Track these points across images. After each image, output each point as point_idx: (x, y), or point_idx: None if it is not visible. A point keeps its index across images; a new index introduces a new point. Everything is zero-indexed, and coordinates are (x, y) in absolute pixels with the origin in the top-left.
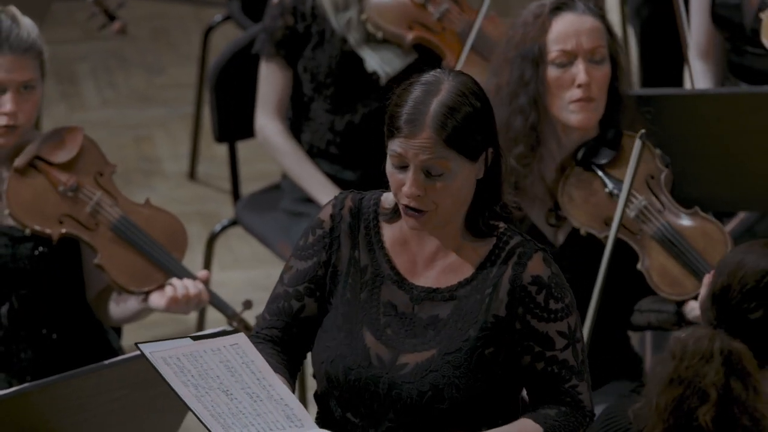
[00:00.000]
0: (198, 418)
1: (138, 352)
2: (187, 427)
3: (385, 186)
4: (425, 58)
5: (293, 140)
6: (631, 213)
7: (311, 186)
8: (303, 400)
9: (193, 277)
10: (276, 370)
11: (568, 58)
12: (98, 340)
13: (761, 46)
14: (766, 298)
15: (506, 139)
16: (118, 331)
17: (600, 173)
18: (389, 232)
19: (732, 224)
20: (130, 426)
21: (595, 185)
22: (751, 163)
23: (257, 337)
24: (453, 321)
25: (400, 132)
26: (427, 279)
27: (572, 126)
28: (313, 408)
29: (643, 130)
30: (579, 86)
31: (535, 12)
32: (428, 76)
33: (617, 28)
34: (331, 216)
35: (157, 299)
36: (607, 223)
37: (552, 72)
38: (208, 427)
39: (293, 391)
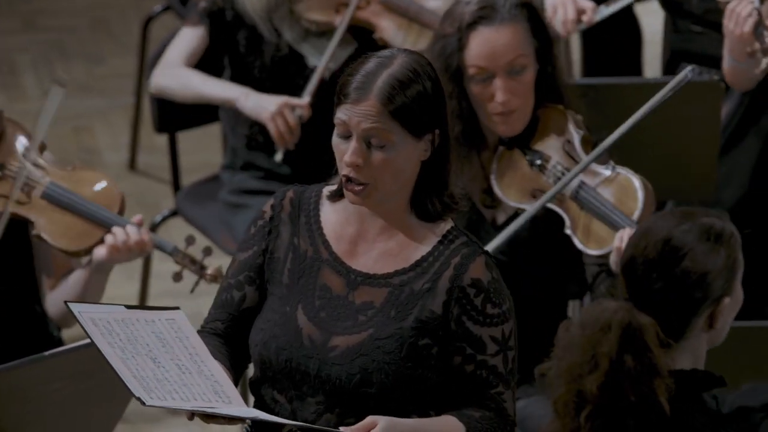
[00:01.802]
0: (119, 377)
1: (79, 343)
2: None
3: (318, 182)
4: (364, 46)
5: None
6: (549, 179)
7: (228, 93)
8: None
9: (128, 223)
10: (214, 357)
11: (486, 74)
12: (38, 330)
13: (704, 23)
14: (667, 269)
15: None
16: None
17: (521, 149)
18: (331, 216)
19: None
20: (72, 416)
21: (520, 162)
22: (691, 152)
23: (202, 331)
24: (387, 308)
25: (347, 98)
26: (366, 262)
27: (498, 133)
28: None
29: None
30: (500, 102)
31: (454, 24)
32: (385, 52)
33: None
34: (272, 206)
35: (99, 251)
36: (534, 196)
37: (473, 87)
38: (128, 386)
39: (235, 384)
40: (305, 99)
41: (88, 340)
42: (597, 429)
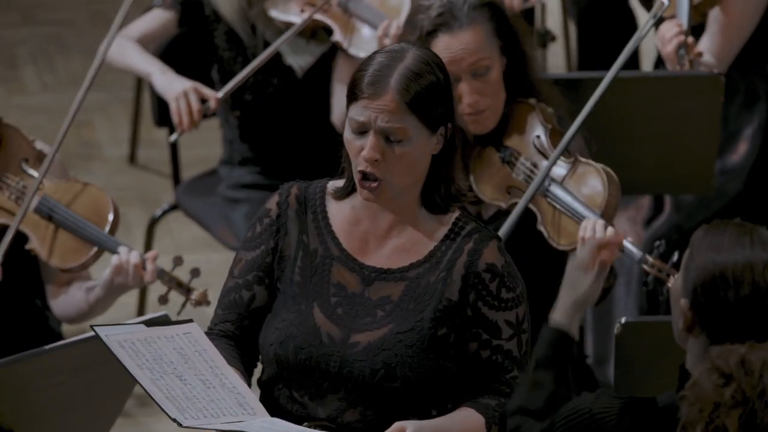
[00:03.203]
0: (153, 400)
1: (80, 337)
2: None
3: (307, 172)
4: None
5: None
6: (519, 176)
7: (149, 68)
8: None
9: (119, 244)
10: (230, 363)
11: (452, 79)
12: (39, 325)
13: None
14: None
15: None
16: None
17: (495, 146)
18: (339, 213)
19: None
20: (73, 410)
21: (493, 159)
22: (690, 146)
23: (211, 333)
24: (405, 302)
25: (363, 94)
26: (379, 258)
27: (471, 132)
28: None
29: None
30: (467, 104)
31: (414, 33)
32: (394, 46)
33: (556, 14)
34: (278, 204)
35: (107, 270)
36: (509, 192)
37: None
38: (164, 408)
39: (248, 385)
40: (219, 93)
41: (88, 334)
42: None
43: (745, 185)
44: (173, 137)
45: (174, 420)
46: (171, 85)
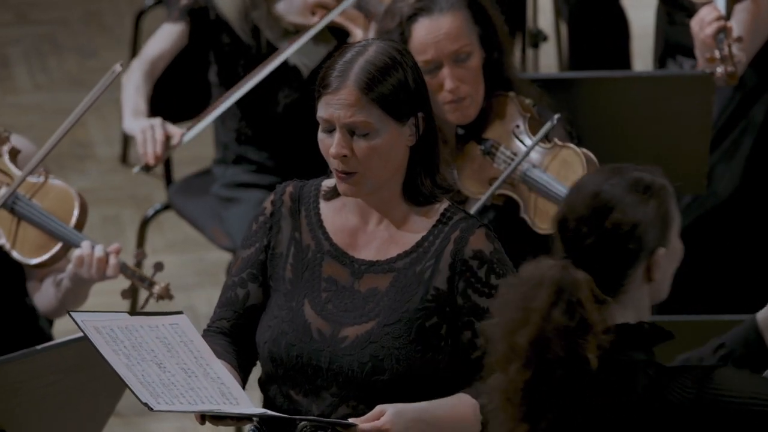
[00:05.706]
0: (125, 384)
1: (70, 337)
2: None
3: (308, 174)
4: (343, 43)
5: (146, 77)
6: (500, 166)
7: (126, 109)
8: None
9: (83, 239)
10: (221, 357)
11: (433, 65)
12: (29, 325)
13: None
14: (597, 222)
15: None
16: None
17: (475, 140)
18: (330, 211)
19: None
20: (64, 410)
21: (475, 153)
22: (682, 145)
23: (208, 330)
24: (392, 293)
25: (326, 89)
26: (368, 252)
27: (452, 123)
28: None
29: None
30: (449, 90)
31: (394, 19)
32: (361, 42)
33: (548, 14)
34: (272, 202)
35: (70, 264)
36: (490, 184)
37: None
38: (135, 392)
39: (244, 382)
40: (184, 130)
41: (79, 335)
42: (527, 382)
43: (739, 184)
44: (136, 169)
45: (145, 404)
46: (138, 122)
